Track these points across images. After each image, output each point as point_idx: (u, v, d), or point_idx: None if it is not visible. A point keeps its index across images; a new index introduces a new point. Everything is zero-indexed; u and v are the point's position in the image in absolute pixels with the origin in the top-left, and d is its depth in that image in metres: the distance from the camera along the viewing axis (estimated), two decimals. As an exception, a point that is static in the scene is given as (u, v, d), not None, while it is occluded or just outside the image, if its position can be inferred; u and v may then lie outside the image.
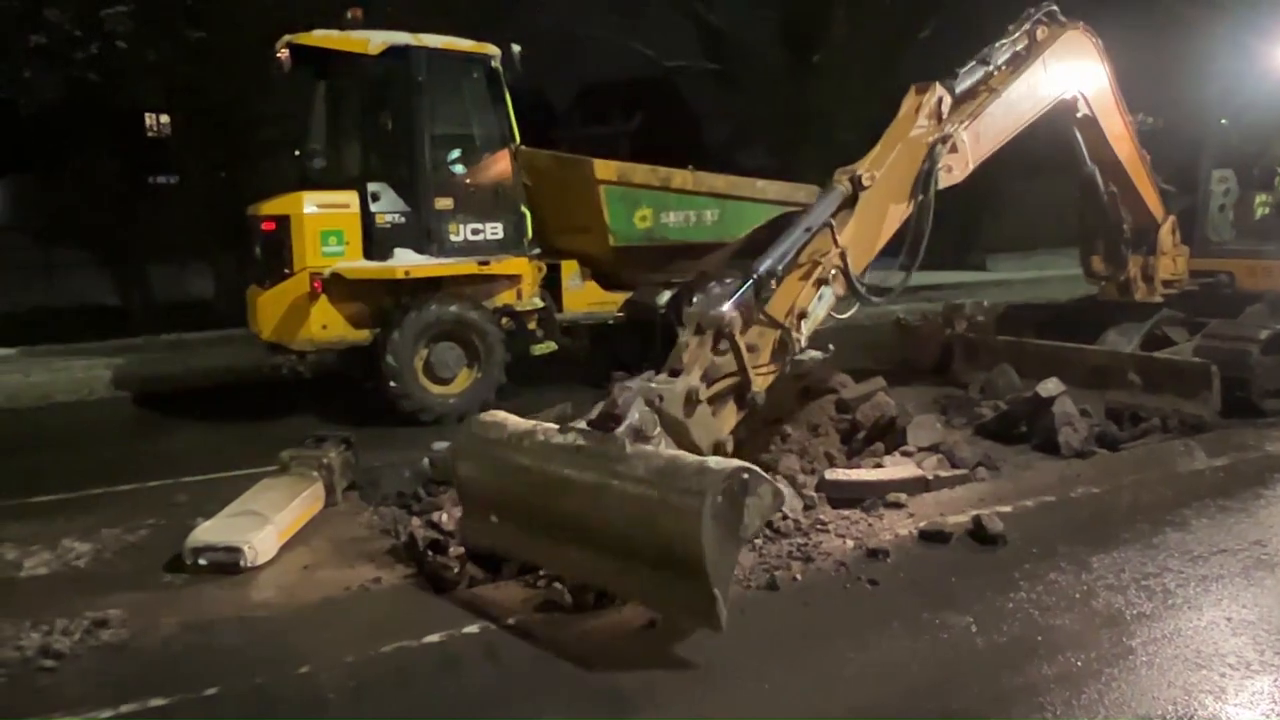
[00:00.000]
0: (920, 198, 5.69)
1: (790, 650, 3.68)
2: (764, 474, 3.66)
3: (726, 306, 4.66)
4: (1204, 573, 4.32)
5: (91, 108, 12.63)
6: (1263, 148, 8.76)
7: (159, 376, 9.60)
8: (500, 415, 4.56)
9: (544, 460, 4.08)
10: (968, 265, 19.72)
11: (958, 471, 5.62)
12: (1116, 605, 4.00)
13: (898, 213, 5.65)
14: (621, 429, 3.89)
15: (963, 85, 6.08)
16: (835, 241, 5.23)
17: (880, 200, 5.52)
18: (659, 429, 4.04)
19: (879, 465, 5.63)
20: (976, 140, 6.05)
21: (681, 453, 3.83)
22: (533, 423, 4.38)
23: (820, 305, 5.17)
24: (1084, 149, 7.51)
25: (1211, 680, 3.39)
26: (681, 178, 8.84)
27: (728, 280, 8.77)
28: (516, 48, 8.13)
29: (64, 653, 3.73)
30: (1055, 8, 6.87)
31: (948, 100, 5.92)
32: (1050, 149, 7.81)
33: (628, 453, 3.78)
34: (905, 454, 5.77)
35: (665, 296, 8.88)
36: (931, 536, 4.73)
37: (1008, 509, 5.12)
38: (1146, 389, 6.74)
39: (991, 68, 6.30)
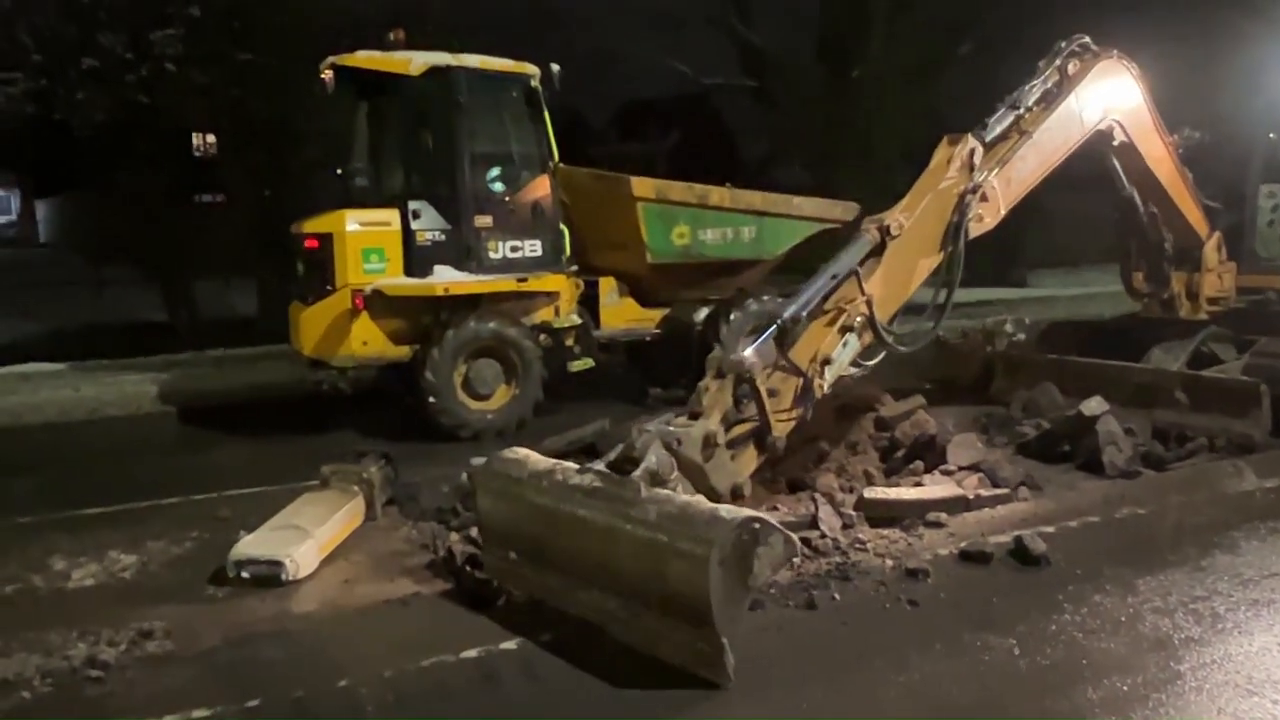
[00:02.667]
0: (950, 249, 5.65)
1: (828, 670, 3.65)
2: (775, 524, 3.62)
3: (748, 352, 4.71)
4: (1254, 597, 4.22)
5: (140, 128, 12.92)
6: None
7: (204, 392, 9.76)
8: (522, 452, 4.55)
9: (560, 500, 4.07)
10: (1009, 282, 19.51)
11: (999, 491, 5.55)
12: (1164, 629, 3.92)
13: (927, 264, 5.63)
14: (638, 472, 3.91)
15: (993, 134, 6.03)
16: (861, 289, 5.22)
17: (909, 250, 5.50)
18: (676, 472, 4.04)
19: (918, 484, 5.57)
20: (1008, 185, 6.00)
21: (696, 499, 3.79)
22: (553, 461, 4.37)
23: (845, 352, 5.15)
24: (1121, 174, 7.40)
25: (1263, 707, 3.31)
26: (719, 195, 8.86)
27: (763, 297, 8.79)
28: (555, 67, 8.20)
29: (110, 663, 3.80)
30: (1087, 39, 6.76)
31: (980, 151, 5.87)
32: (1092, 165, 7.73)
33: (642, 496, 3.75)
34: (945, 473, 5.71)
35: (702, 313, 8.89)
36: (972, 557, 4.67)
37: (1051, 529, 5.04)
38: (1193, 408, 6.61)
39: (1022, 110, 6.22)
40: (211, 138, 16.91)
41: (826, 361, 5.02)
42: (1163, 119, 7.37)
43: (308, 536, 4.78)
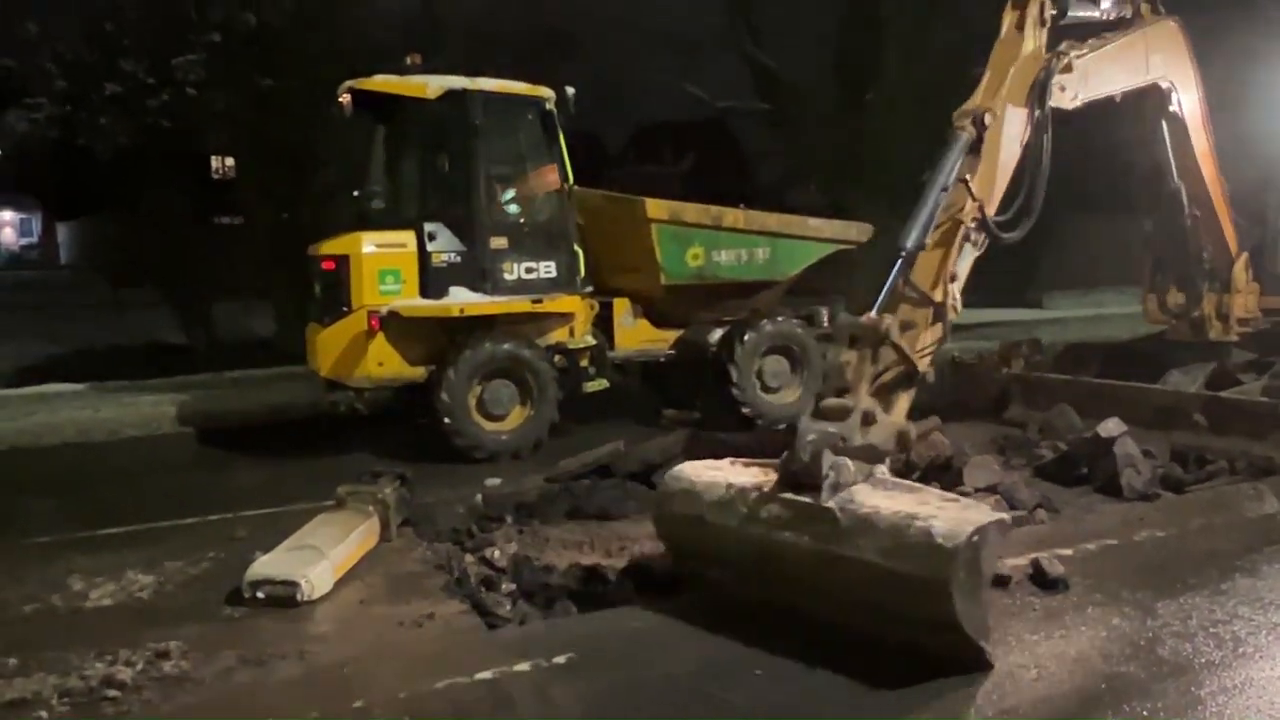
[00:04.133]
0: (1037, 114, 5.51)
1: (840, 699, 3.61)
2: (985, 520, 3.67)
3: (873, 313, 4.65)
4: (1276, 621, 4.16)
5: (161, 152, 13.09)
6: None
7: (222, 412, 9.82)
8: (686, 475, 4.44)
9: (757, 532, 4.07)
10: (1024, 303, 19.46)
11: (1016, 513, 5.50)
12: (1184, 653, 3.87)
13: (1017, 136, 5.45)
14: (825, 494, 3.87)
15: (1077, 12, 6.02)
16: (971, 195, 5.07)
17: (1003, 134, 5.34)
18: (853, 467, 3.99)
19: (935, 506, 5.53)
20: (1086, 78, 6.00)
21: (900, 516, 3.71)
22: (724, 482, 4.28)
23: (964, 263, 5.05)
24: (1171, 157, 7.39)
25: (1286, 733, 3.27)
26: (733, 216, 8.89)
27: (777, 318, 8.81)
28: (570, 90, 8.28)
29: (126, 683, 3.80)
30: None
31: (1048, 6, 5.79)
32: (1108, 186, 7.73)
33: (843, 525, 3.79)
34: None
35: (717, 335, 8.90)
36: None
37: (1068, 552, 4.98)
38: (1213, 430, 6.57)
39: (1099, 12, 6.31)
40: (230, 161, 17.12)
41: (953, 278, 4.92)
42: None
43: (323, 557, 4.79)
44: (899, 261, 4.80)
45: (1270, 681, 3.63)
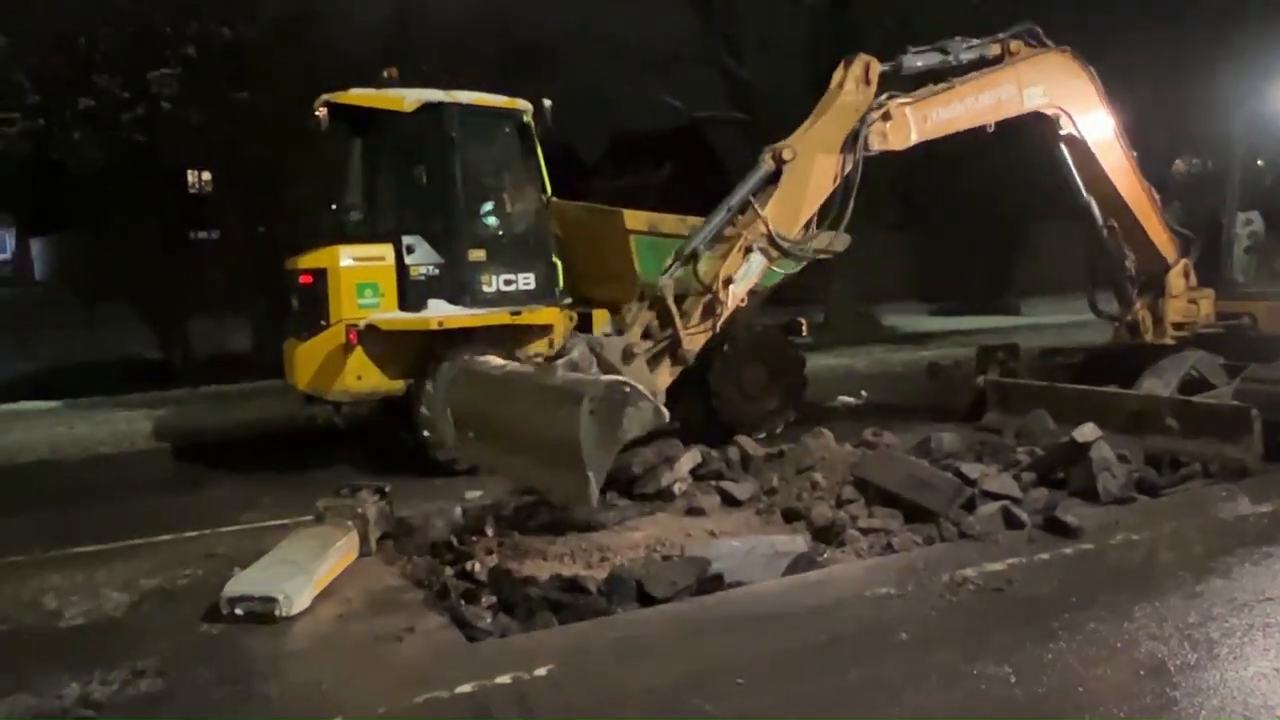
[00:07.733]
0: (850, 156, 6.07)
1: (821, 707, 3.63)
2: (648, 394, 4.35)
3: (661, 278, 5.49)
4: (1249, 622, 4.21)
5: (135, 166, 13.00)
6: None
7: (198, 428, 9.76)
8: (483, 359, 5.74)
9: (498, 383, 5.19)
10: (1000, 309, 19.61)
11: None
12: (1159, 655, 3.91)
13: (826, 175, 6.05)
14: (560, 361, 4.79)
15: (911, 65, 6.52)
16: (757, 213, 5.76)
17: (806, 167, 5.94)
18: (595, 369, 4.77)
19: (913, 512, 5.60)
20: (924, 120, 6.42)
21: (583, 379, 4.54)
22: (505, 363, 5.43)
23: (750, 270, 5.78)
24: (1076, 176, 7.51)
25: (1260, 733, 3.30)
26: (711, 227, 8.90)
27: (757, 328, 8.83)
28: (547, 102, 8.29)
29: (102, 703, 3.77)
30: (1039, 29, 7.07)
31: (874, 66, 6.30)
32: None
33: (557, 374, 4.67)
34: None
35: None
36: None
37: (1045, 556, 5.04)
38: (1186, 434, 6.62)
39: (951, 59, 6.69)
40: (207, 175, 17.03)
41: (729, 281, 5.66)
42: (1148, 147, 7.45)
43: (301, 572, 4.76)
44: (676, 261, 5.62)
45: (1243, 682, 3.67)
